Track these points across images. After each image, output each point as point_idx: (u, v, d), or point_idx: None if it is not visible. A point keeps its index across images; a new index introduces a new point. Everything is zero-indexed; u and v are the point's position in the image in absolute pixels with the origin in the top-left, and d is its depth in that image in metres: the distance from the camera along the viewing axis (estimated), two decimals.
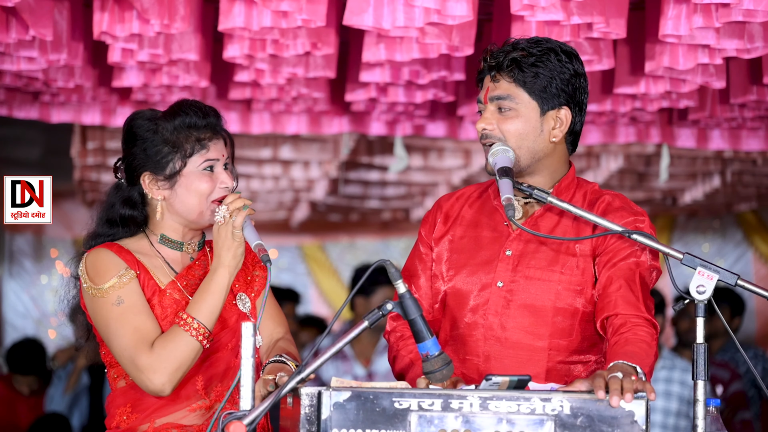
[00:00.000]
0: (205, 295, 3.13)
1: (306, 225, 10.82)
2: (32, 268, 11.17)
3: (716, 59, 4.71)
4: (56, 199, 12.02)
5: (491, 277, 3.19)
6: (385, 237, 11.70)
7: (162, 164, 3.22)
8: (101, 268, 3.17)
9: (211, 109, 3.27)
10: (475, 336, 3.18)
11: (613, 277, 3.10)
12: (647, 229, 3.13)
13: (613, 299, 3.07)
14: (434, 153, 7.93)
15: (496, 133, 3.17)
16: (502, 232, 3.23)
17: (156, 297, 3.18)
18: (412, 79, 5.27)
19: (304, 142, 7.63)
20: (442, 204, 3.36)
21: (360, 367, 6.71)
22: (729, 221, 10.59)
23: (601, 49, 4.78)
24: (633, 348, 2.91)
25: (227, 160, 3.27)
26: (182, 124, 3.22)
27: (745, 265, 10.46)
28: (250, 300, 3.29)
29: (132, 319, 3.12)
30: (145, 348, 3.09)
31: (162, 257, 3.25)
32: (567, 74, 3.18)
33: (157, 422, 3.15)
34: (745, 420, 7.36)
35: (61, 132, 7.44)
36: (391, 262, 2.86)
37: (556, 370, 3.15)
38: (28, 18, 4.56)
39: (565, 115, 3.20)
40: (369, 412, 2.67)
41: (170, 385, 3.09)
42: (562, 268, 3.16)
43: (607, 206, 3.20)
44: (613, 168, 7.85)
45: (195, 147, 3.20)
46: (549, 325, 3.15)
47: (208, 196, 3.21)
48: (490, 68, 3.19)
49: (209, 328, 3.11)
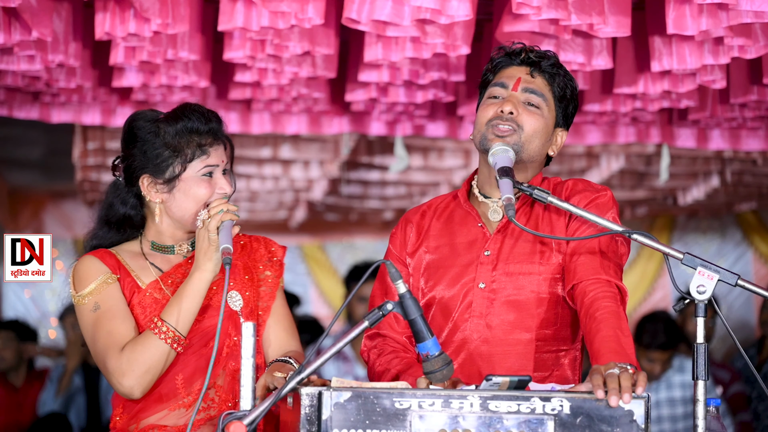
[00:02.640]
0: (179, 299, 3.13)
1: (306, 225, 10.81)
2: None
3: (720, 59, 4.71)
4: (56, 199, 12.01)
5: (472, 278, 3.21)
6: (385, 237, 11.69)
7: (162, 168, 3.21)
8: (83, 276, 3.21)
9: (214, 114, 3.26)
10: (462, 339, 3.20)
11: (575, 250, 3.15)
12: (609, 202, 3.21)
13: (572, 268, 3.12)
14: (434, 153, 7.93)
15: (518, 119, 3.19)
16: (477, 234, 3.26)
17: (136, 297, 3.20)
18: (412, 79, 5.27)
19: (304, 142, 7.62)
20: (410, 218, 3.39)
21: (361, 367, 6.71)
22: (729, 221, 10.59)
23: (600, 48, 4.78)
24: (608, 331, 2.90)
25: (226, 166, 3.27)
26: (184, 128, 3.22)
27: (745, 265, 10.46)
28: (242, 298, 3.29)
29: (106, 324, 3.14)
30: (115, 352, 3.11)
31: (149, 259, 3.26)
32: (577, 103, 3.32)
33: (142, 423, 3.17)
34: (745, 422, 7.36)
35: (61, 132, 7.44)
36: (390, 263, 2.87)
37: (542, 360, 3.17)
38: (29, 18, 4.56)
39: (562, 137, 3.31)
40: (369, 412, 2.67)
41: (139, 388, 3.10)
42: (541, 258, 3.20)
43: (570, 190, 3.27)
44: (614, 168, 7.85)
45: (196, 152, 3.20)
46: (534, 316, 3.18)
47: (205, 202, 3.22)
48: (529, 63, 3.24)
49: (181, 332, 3.11)
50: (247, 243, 3.39)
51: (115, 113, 6.22)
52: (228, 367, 3.22)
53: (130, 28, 4.61)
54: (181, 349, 3.12)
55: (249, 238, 3.41)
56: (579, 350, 3.29)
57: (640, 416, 2.69)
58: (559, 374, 3.22)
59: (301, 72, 5.15)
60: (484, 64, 3.38)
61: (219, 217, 3.12)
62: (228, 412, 2.74)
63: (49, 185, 10.25)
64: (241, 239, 3.39)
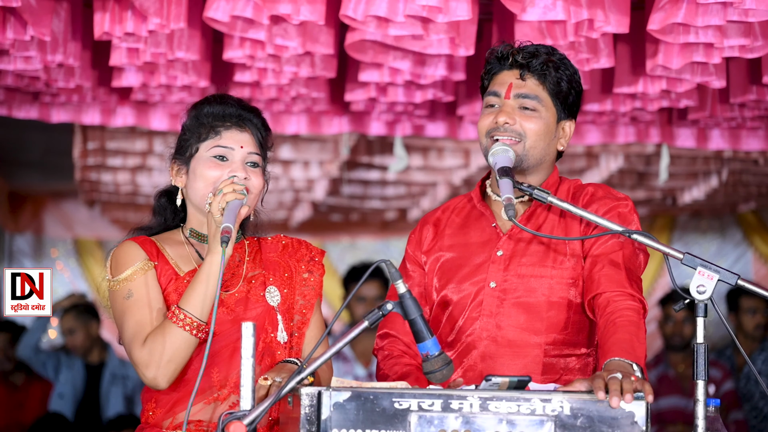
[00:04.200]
0: (194, 285, 3.11)
1: (306, 225, 10.81)
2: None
3: (714, 58, 4.70)
4: (56, 199, 11.98)
5: (483, 278, 3.21)
6: (386, 237, 11.69)
7: (183, 149, 3.26)
8: (120, 261, 3.19)
9: (237, 101, 3.27)
10: (472, 338, 3.19)
11: (597, 259, 3.14)
12: (630, 212, 3.19)
13: (596, 278, 3.11)
14: (434, 153, 7.93)
15: (517, 128, 3.19)
16: (491, 234, 3.25)
17: (172, 284, 3.19)
18: (412, 78, 5.27)
19: (303, 142, 7.62)
20: (427, 219, 3.40)
21: (360, 367, 6.71)
22: (729, 221, 10.59)
23: (600, 48, 4.78)
24: (623, 335, 2.92)
25: (254, 157, 3.24)
26: (201, 112, 3.25)
27: (745, 265, 10.46)
28: (280, 294, 3.27)
29: (136, 312, 3.13)
30: (139, 342, 3.10)
31: (193, 247, 3.26)
32: (579, 89, 3.27)
33: (177, 417, 3.15)
34: (738, 420, 7.37)
35: (61, 132, 7.44)
36: (390, 262, 2.86)
37: (551, 365, 3.16)
38: (29, 18, 4.56)
39: (570, 127, 3.26)
40: (369, 412, 2.67)
41: (164, 379, 3.09)
42: (554, 263, 3.19)
43: (591, 197, 3.25)
44: (613, 168, 7.85)
45: (209, 133, 3.21)
46: (544, 320, 3.17)
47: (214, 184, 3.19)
48: (518, 66, 3.22)
49: (201, 318, 3.09)
50: (289, 243, 3.39)
51: (114, 113, 6.23)
52: (264, 362, 3.21)
53: (130, 28, 4.61)
54: (202, 335, 3.10)
55: (291, 239, 3.40)
56: (593, 357, 3.26)
57: (641, 418, 2.68)
58: (568, 380, 3.19)
59: (301, 72, 5.15)
60: (484, 64, 3.37)
61: (220, 198, 3.11)
62: (228, 412, 2.74)
63: (48, 185, 10.25)
64: (283, 239, 3.39)
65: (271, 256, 3.32)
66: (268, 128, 3.31)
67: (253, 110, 3.28)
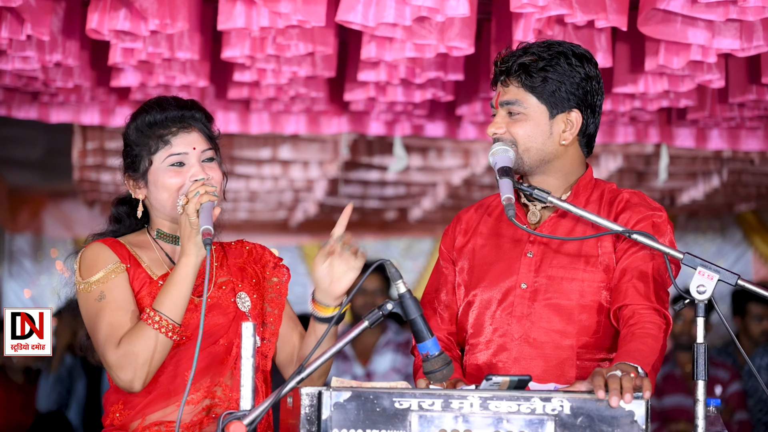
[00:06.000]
0: (168, 287, 3.10)
1: (306, 225, 10.82)
2: (32, 268, 11.17)
3: (709, 57, 4.70)
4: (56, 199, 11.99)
5: (514, 279, 3.19)
6: (385, 237, 11.70)
7: (135, 165, 3.24)
8: (91, 263, 3.17)
9: (175, 101, 3.25)
10: (504, 339, 3.18)
11: (627, 269, 3.11)
12: (664, 223, 3.16)
13: (623, 289, 3.09)
14: (433, 153, 7.93)
15: (507, 136, 3.20)
16: (522, 235, 3.23)
17: (146, 289, 3.18)
18: (410, 78, 5.26)
19: (303, 142, 7.63)
20: (461, 216, 3.38)
21: (359, 366, 6.71)
22: (729, 221, 10.60)
23: (599, 47, 4.78)
24: (637, 344, 2.91)
25: (207, 153, 3.23)
26: (143, 123, 3.23)
27: (745, 265, 10.47)
28: (250, 299, 3.29)
29: (109, 315, 3.11)
30: (113, 344, 3.08)
31: (162, 250, 3.26)
32: (577, 77, 3.20)
33: (147, 419, 3.15)
34: (743, 420, 7.37)
35: (60, 132, 7.45)
36: (391, 262, 2.86)
37: (585, 369, 3.14)
38: (28, 18, 4.56)
39: (576, 117, 3.22)
40: (369, 412, 2.67)
41: (139, 381, 3.08)
42: (585, 266, 3.16)
43: (626, 204, 3.21)
44: (613, 168, 7.85)
45: (158, 144, 3.20)
46: (575, 323, 3.15)
47: (179, 190, 3.18)
48: (501, 73, 3.23)
49: (175, 320, 3.08)
50: (253, 249, 3.39)
51: (113, 113, 6.23)
52: (238, 366, 3.21)
53: (129, 28, 4.61)
54: (177, 337, 3.10)
55: (253, 245, 3.41)
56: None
57: (640, 417, 2.68)
58: None
59: (300, 71, 5.15)
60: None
61: (196, 200, 3.10)
62: (228, 412, 2.74)
63: (48, 185, 10.26)
64: (246, 245, 3.39)
65: (238, 262, 3.33)
66: (211, 118, 3.30)
67: (193, 105, 3.26)
